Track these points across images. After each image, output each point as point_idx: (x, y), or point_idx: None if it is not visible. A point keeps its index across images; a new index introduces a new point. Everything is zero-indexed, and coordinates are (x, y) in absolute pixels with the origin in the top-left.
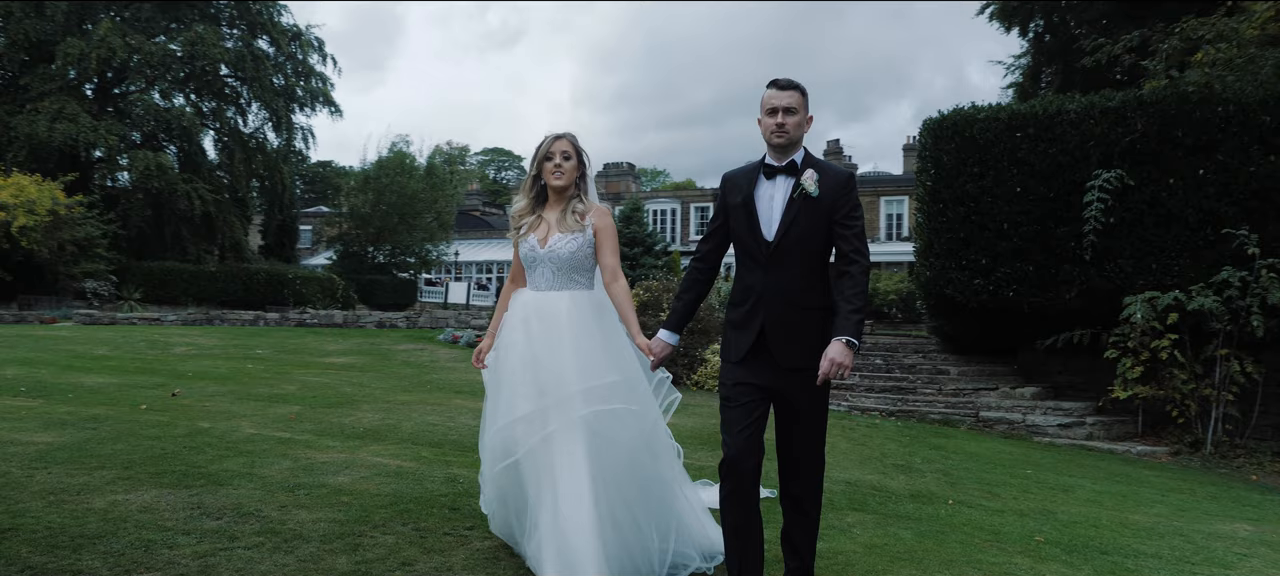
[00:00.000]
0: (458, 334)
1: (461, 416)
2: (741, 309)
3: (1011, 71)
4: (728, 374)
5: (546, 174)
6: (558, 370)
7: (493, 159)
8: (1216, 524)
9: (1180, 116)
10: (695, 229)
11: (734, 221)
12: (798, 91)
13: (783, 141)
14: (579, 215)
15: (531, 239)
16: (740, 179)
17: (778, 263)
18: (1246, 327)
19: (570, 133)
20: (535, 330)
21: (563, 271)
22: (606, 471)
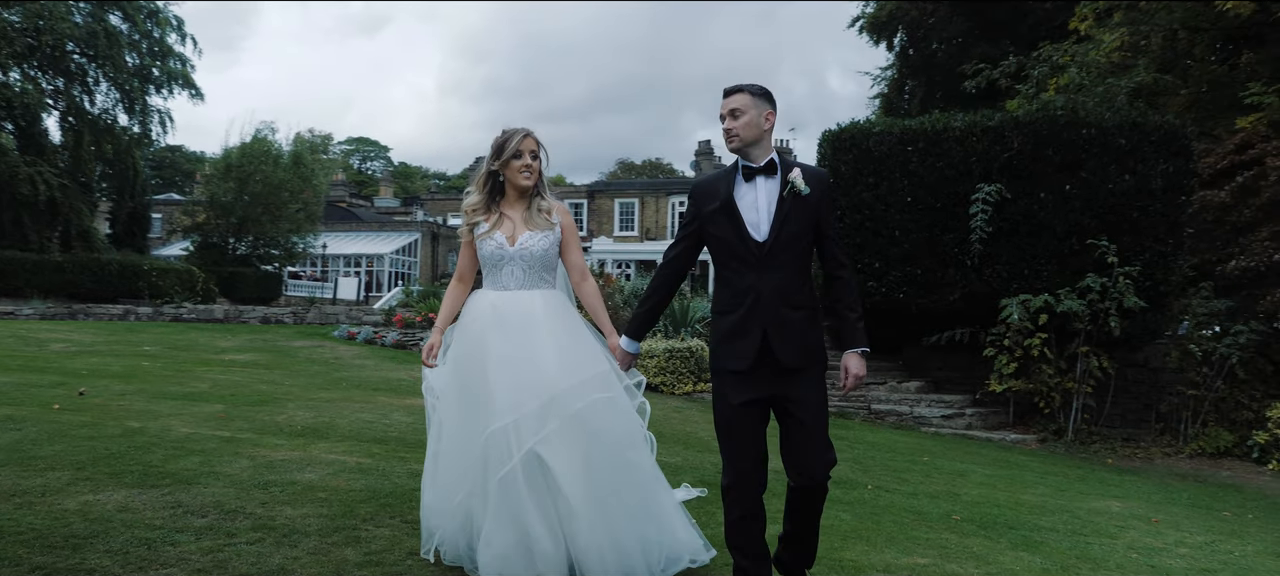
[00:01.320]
0: (353, 330)
1: (394, 414)
2: (734, 314)
3: (878, 82)
4: (729, 390)
5: (514, 172)
6: (541, 370)
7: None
8: (1092, 501)
9: (1051, 136)
10: None
11: (714, 227)
12: (744, 93)
13: (735, 144)
14: (546, 212)
15: (498, 237)
16: (714, 185)
17: (771, 263)
18: (1105, 328)
19: (531, 129)
20: (511, 332)
21: (533, 270)
22: (598, 466)
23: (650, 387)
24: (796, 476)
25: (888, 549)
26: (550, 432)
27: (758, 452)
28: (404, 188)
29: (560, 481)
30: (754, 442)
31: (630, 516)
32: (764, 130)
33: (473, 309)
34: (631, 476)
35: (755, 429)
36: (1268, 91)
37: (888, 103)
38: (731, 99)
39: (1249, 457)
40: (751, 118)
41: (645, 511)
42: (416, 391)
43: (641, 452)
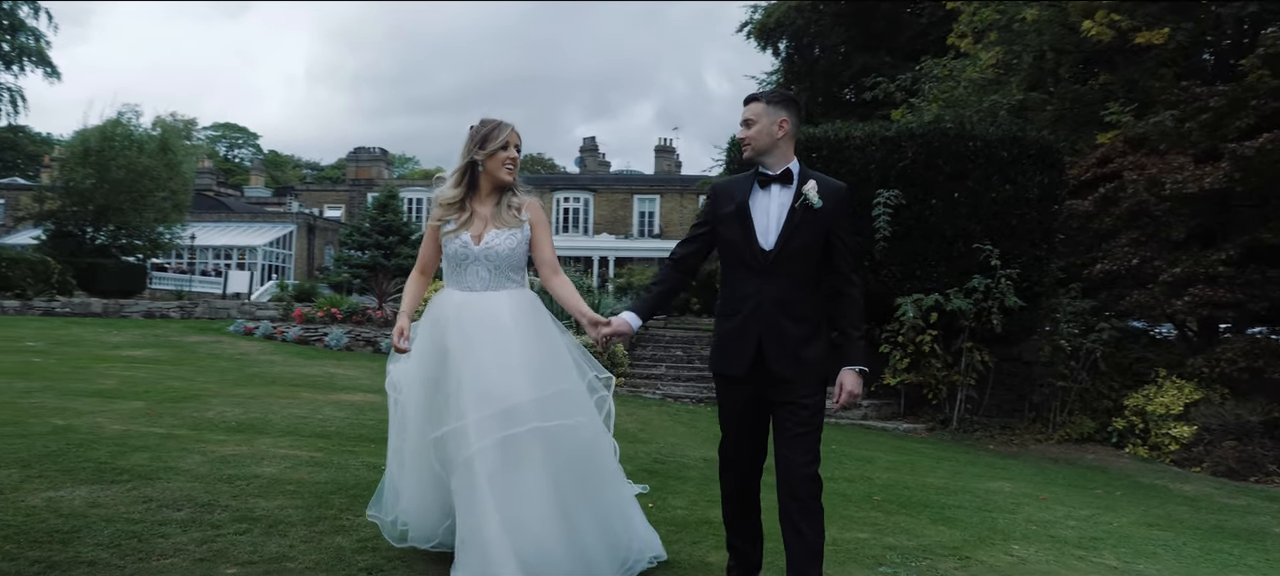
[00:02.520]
0: (250, 326)
1: (324, 409)
2: (735, 318)
3: (763, 86)
4: (730, 395)
5: (497, 165)
6: (505, 378)
7: (223, 134)
8: (986, 482)
9: (941, 148)
10: None
11: (726, 230)
12: (759, 102)
13: (748, 153)
14: (516, 209)
15: (464, 236)
16: (733, 188)
17: (775, 272)
18: (988, 325)
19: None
20: (474, 334)
21: (500, 270)
22: (563, 474)
23: None
24: (782, 485)
25: (829, 526)
26: (506, 439)
27: (757, 455)
28: (275, 177)
29: (521, 490)
30: (755, 447)
31: (598, 525)
32: (777, 138)
33: (436, 308)
34: (599, 485)
35: (756, 423)
36: (1124, 111)
37: None
38: (746, 109)
39: (1109, 442)
40: (763, 126)
41: (611, 517)
42: (343, 386)
43: (608, 459)
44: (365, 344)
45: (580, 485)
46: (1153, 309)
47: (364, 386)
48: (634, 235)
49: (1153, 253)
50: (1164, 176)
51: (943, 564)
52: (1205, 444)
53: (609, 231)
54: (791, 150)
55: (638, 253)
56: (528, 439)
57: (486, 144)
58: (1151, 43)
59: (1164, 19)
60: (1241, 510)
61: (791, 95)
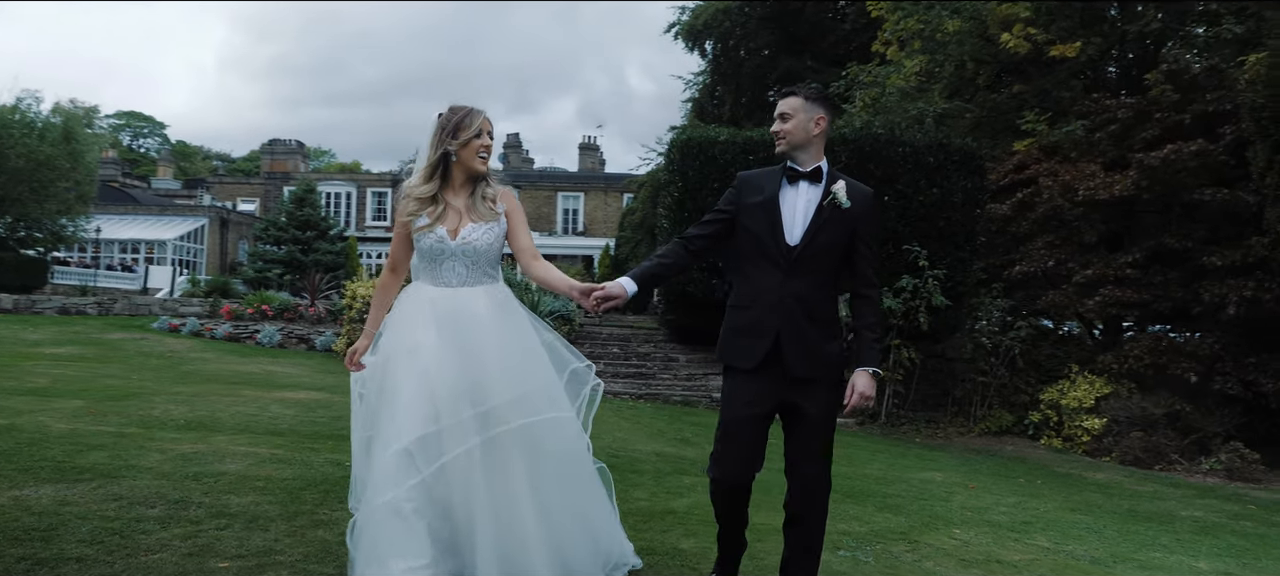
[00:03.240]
0: (176, 322)
1: (272, 407)
2: (750, 311)
3: (690, 87)
4: (737, 391)
5: (471, 155)
6: (483, 378)
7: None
8: (919, 473)
9: (873, 152)
10: (371, 214)
11: (750, 221)
12: (797, 97)
13: (782, 147)
14: (491, 201)
15: (440, 231)
16: (761, 180)
17: (798, 269)
18: (915, 323)
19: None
20: (451, 333)
21: (478, 265)
22: (544, 474)
23: None
24: (794, 488)
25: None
26: (488, 441)
27: (753, 461)
28: (184, 169)
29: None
30: (752, 452)
31: (579, 528)
32: (813, 134)
33: (408, 304)
34: (579, 487)
35: (755, 440)
36: (1039, 120)
37: (699, 106)
38: (783, 102)
39: (1026, 434)
40: (800, 121)
41: (591, 520)
42: (285, 384)
43: (586, 461)
44: (299, 341)
45: (561, 485)
46: (1067, 308)
47: (306, 384)
48: (558, 232)
49: (1067, 255)
50: (1077, 183)
51: (894, 547)
52: (1114, 435)
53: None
54: (822, 149)
55: (562, 250)
56: (509, 439)
57: (460, 133)
58: (1064, 55)
59: (1076, 33)
60: (1150, 496)
61: (829, 94)
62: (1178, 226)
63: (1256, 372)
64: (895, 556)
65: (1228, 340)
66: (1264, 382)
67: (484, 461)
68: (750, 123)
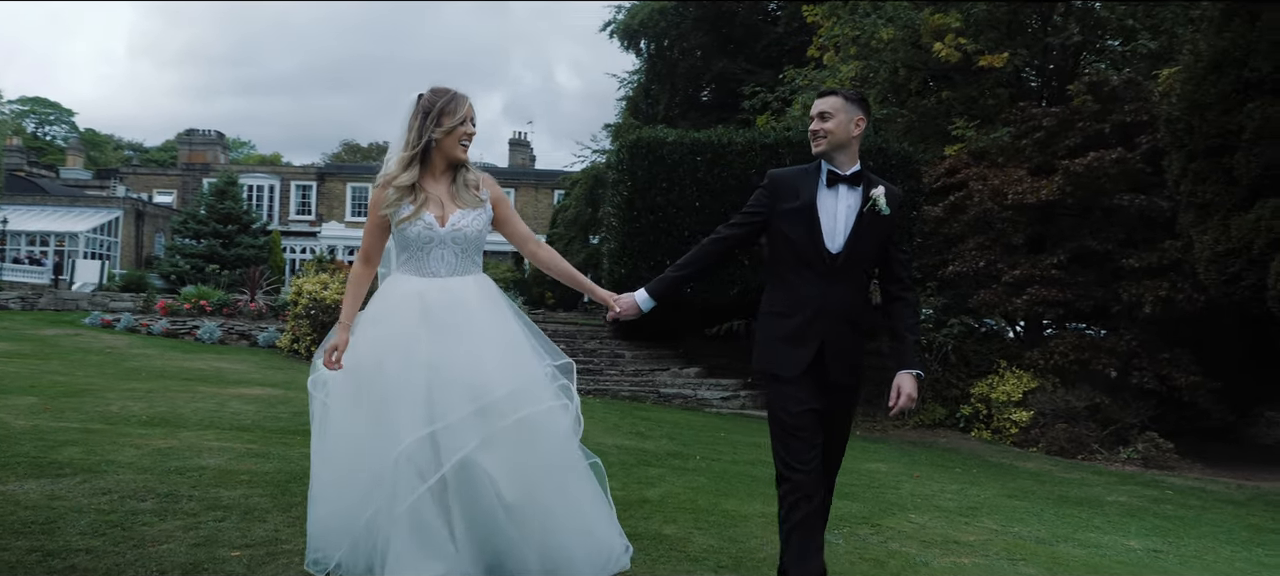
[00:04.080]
0: (108, 317)
1: (231, 403)
2: (792, 320)
3: (625, 86)
4: (787, 395)
5: (453, 143)
6: (481, 371)
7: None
8: (865, 464)
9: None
10: (295, 208)
11: (787, 226)
12: (837, 96)
13: (822, 147)
14: (475, 187)
15: (427, 217)
16: (795, 182)
17: (839, 276)
18: None
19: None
20: (443, 327)
21: (466, 253)
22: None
23: None
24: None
25: (752, 501)
26: (484, 441)
27: (818, 459)
28: (94, 158)
29: (501, 493)
30: (815, 439)
31: (574, 522)
32: (853, 136)
33: (392, 296)
34: (573, 480)
35: (815, 429)
36: (969, 126)
37: (633, 105)
38: (823, 101)
39: (957, 427)
40: (841, 121)
41: (586, 514)
42: (237, 381)
43: (578, 453)
44: (240, 337)
45: (558, 478)
46: (996, 306)
47: (258, 380)
48: None
49: (996, 256)
50: (1006, 187)
51: (859, 530)
52: (1040, 427)
53: None
54: (857, 151)
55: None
56: (508, 434)
57: (444, 119)
58: (993, 65)
59: (1003, 44)
60: (1078, 483)
61: (865, 96)
62: (1098, 230)
63: (1170, 367)
64: (862, 538)
65: (1144, 337)
66: (1176, 377)
67: (483, 457)
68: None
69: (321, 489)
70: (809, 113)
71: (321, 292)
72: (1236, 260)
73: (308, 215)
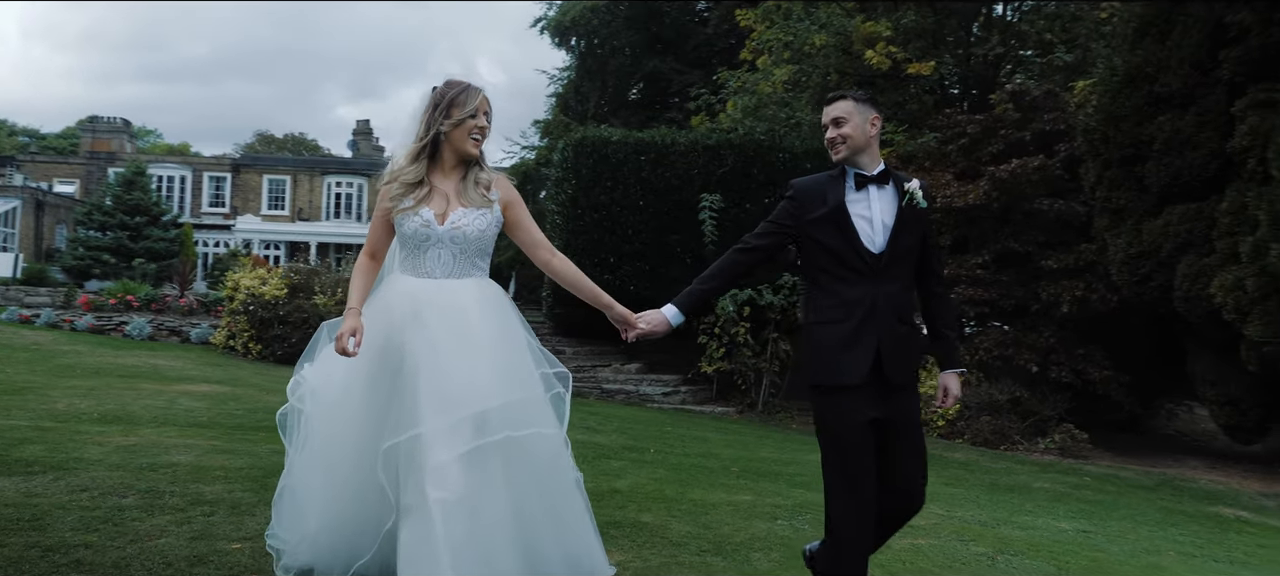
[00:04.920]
0: (26, 312)
1: (180, 400)
2: (844, 326)
3: (555, 82)
4: (844, 409)
5: (462, 137)
6: (471, 380)
7: None
8: (809, 455)
9: (756, 157)
10: (208, 200)
11: (821, 233)
12: (847, 100)
13: (842, 154)
14: (485, 187)
15: (426, 213)
16: (820, 189)
17: (885, 275)
18: (793, 317)
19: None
20: (436, 328)
21: (466, 255)
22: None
23: None
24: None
25: (715, 491)
26: (474, 451)
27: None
28: None
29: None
30: (872, 467)
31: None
32: (871, 137)
33: (385, 297)
34: (564, 499)
35: (871, 453)
36: (898, 131)
37: (563, 102)
38: (834, 106)
39: None
40: (857, 124)
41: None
42: (178, 377)
43: (569, 474)
44: (171, 333)
45: (547, 501)
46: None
47: (199, 377)
48: None
49: None
50: (934, 191)
51: (820, 515)
52: (965, 419)
53: None
54: (878, 151)
55: None
56: (495, 450)
57: (453, 112)
58: (920, 73)
59: (930, 53)
60: (1005, 471)
61: (873, 96)
62: (1019, 232)
63: (1084, 363)
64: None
65: (1062, 334)
66: (1091, 371)
67: (468, 471)
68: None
69: (284, 500)
70: (822, 120)
71: (260, 288)
72: (1147, 262)
73: (221, 208)
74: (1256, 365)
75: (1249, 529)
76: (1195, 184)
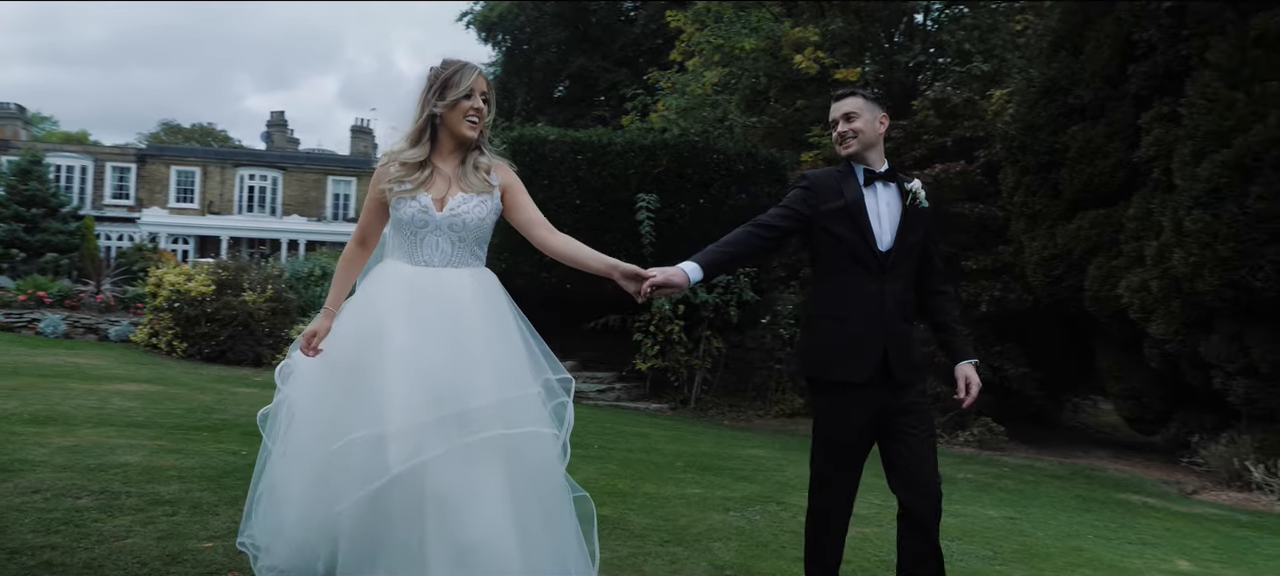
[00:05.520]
0: None
1: (112, 399)
2: (850, 322)
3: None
4: (843, 404)
5: (458, 119)
6: (464, 374)
7: None
8: (745, 450)
9: (691, 158)
10: (111, 191)
11: (835, 226)
12: (858, 97)
13: (853, 149)
14: (485, 172)
15: (424, 198)
16: (834, 182)
17: (893, 273)
18: (726, 316)
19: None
20: (429, 319)
21: (464, 243)
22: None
23: None
24: (917, 496)
25: (666, 484)
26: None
27: (866, 455)
28: None
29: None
30: (865, 448)
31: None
32: (880, 134)
33: (379, 282)
34: (560, 511)
35: (870, 437)
36: (825, 134)
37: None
38: (845, 102)
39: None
40: (867, 121)
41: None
42: (103, 376)
43: (563, 487)
44: (88, 331)
45: (542, 507)
46: None
47: (126, 376)
48: (328, 218)
49: None
50: None
51: (768, 507)
52: None
53: (300, 212)
54: (883, 150)
55: (331, 236)
56: (487, 449)
57: (447, 92)
58: (847, 78)
59: (855, 59)
60: None
61: (882, 95)
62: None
63: (1002, 360)
64: (772, 515)
65: (980, 332)
66: (1008, 368)
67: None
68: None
69: (288, 489)
70: (831, 116)
71: (185, 285)
72: (1060, 264)
73: (126, 199)
74: (1158, 362)
75: (1154, 514)
76: (1105, 191)
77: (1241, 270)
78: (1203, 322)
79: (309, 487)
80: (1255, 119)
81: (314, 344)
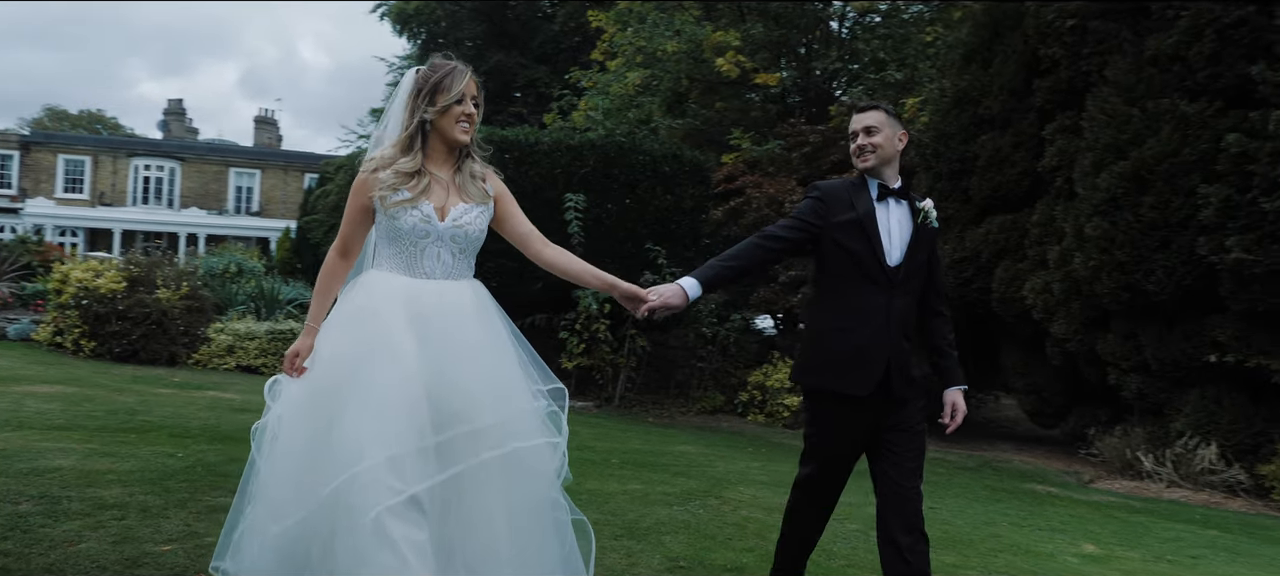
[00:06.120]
0: None
1: (26, 402)
2: (855, 334)
3: (394, 71)
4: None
5: (449, 123)
6: (469, 391)
7: None
8: (675, 447)
9: (617, 159)
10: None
11: (846, 238)
12: (879, 111)
13: (871, 162)
14: (481, 180)
15: (426, 207)
16: (846, 194)
17: (900, 289)
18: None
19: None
20: (433, 334)
21: (464, 254)
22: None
23: (251, 369)
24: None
25: (608, 480)
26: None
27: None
28: None
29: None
30: (855, 460)
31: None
32: (898, 150)
33: (374, 296)
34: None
35: (861, 450)
36: (744, 137)
37: None
38: (867, 115)
39: (736, 412)
40: (887, 136)
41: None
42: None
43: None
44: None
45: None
46: (774, 304)
47: (36, 377)
48: (229, 211)
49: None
50: (781, 195)
51: (708, 502)
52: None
53: (199, 205)
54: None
55: (234, 230)
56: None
57: (438, 97)
58: (767, 83)
59: (774, 65)
60: None
61: (901, 113)
62: None
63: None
64: (714, 508)
65: None
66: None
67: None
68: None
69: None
70: (851, 127)
71: (94, 281)
72: (969, 267)
73: (8, 189)
74: (1059, 359)
75: (1058, 502)
76: (1011, 198)
77: (1136, 274)
78: (1100, 322)
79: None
80: (1149, 133)
81: (297, 365)
